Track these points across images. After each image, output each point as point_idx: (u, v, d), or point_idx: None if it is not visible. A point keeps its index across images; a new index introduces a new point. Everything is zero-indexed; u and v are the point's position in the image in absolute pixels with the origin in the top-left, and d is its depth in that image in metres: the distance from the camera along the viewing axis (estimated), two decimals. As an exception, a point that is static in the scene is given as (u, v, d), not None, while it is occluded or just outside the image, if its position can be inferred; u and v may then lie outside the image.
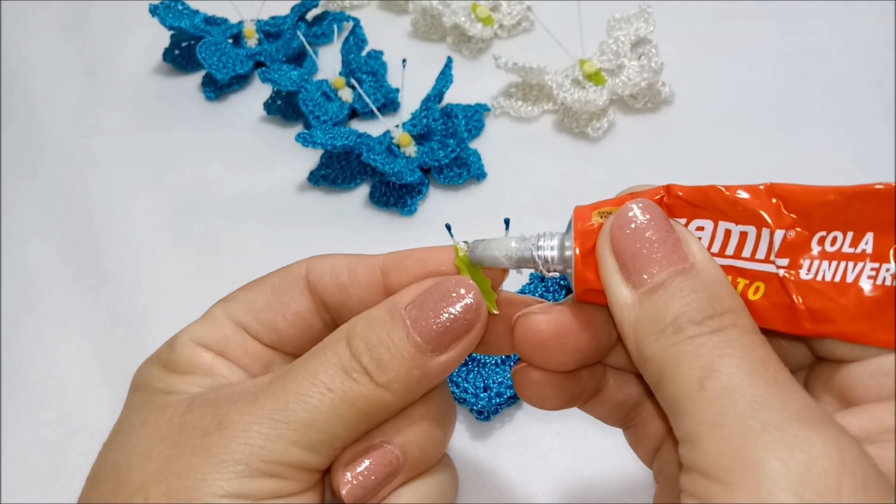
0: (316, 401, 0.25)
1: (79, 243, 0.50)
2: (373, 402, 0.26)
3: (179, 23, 0.57)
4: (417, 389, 0.26)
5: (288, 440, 0.25)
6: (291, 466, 0.25)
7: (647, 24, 0.56)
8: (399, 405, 0.26)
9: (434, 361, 0.26)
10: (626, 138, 0.53)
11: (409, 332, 0.26)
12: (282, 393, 0.26)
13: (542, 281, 0.42)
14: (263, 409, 0.25)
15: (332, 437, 0.25)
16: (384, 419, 0.27)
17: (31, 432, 0.43)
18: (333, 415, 0.25)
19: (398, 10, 0.63)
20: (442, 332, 0.26)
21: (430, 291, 0.27)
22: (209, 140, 0.56)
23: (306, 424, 0.25)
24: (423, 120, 0.51)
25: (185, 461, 0.25)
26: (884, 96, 0.54)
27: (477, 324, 0.26)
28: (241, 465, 0.25)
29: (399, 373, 0.26)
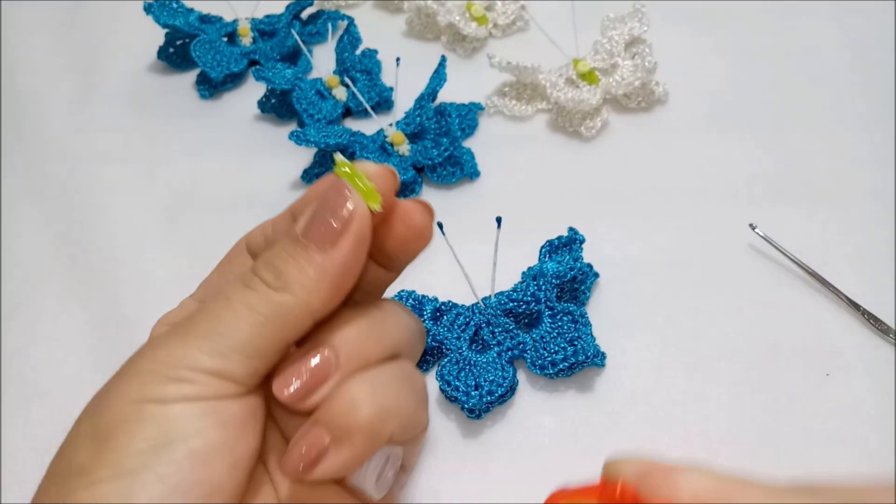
0: (217, 310, 0.28)
1: (71, 240, 0.50)
2: (275, 305, 0.27)
3: (174, 21, 0.57)
4: (321, 289, 0.28)
5: (193, 347, 0.27)
6: (200, 371, 0.26)
7: (641, 24, 0.56)
8: (309, 308, 0.28)
9: (324, 257, 0.28)
10: (620, 138, 0.53)
11: (298, 239, 0.28)
12: (194, 314, 0.28)
13: (535, 279, 0.42)
14: (176, 328, 0.28)
15: (240, 343, 0.27)
16: (300, 325, 0.28)
17: (22, 429, 0.43)
18: (234, 319, 0.27)
19: (393, 8, 0.63)
20: (325, 230, 0.28)
21: (313, 200, 0.29)
22: (203, 138, 0.56)
23: (209, 331, 0.27)
24: (417, 119, 0.51)
25: (109, 384, 0.27)
26: (878, 95, 0.54)
27: (356, 217, 0.28)
28: (152, 374, 0.26)
29: (293, 274, 0.27)
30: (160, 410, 0.26)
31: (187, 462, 0.25)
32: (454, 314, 0.42)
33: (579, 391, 0.41)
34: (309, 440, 0.27)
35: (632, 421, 0.40)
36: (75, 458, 0.26)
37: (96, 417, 0.26)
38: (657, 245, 0.47)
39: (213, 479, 0.26)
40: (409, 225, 0.30)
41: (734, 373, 0.41)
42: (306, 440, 0.27)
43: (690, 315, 0.44)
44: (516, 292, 0.42)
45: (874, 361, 0.41)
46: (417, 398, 0.30)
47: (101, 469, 0.25)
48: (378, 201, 0.29)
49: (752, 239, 0.46)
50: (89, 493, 0.25)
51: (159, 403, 0.26)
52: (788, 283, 0.45)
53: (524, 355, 0.41)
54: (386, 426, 0.28)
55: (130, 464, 0.25)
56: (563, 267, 0.42)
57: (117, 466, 0.25)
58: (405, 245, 0.31)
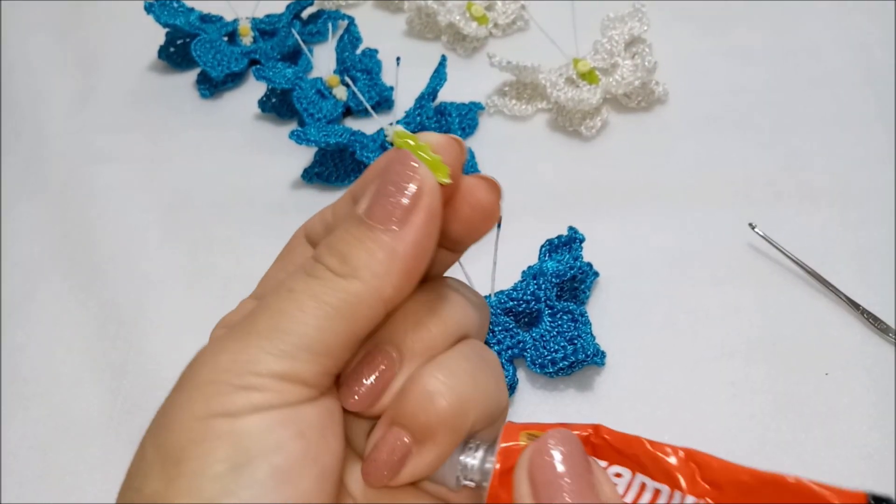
0: (278, 304, 0.25)
1: (72, 239, 0.50)
2: (343, 294, 0.24)
3: (174, 20, 0.57)
4: (393, 273, 0.25)
5: (256, 348, 0.24)
6: (267, 376, 0.24)
7: (640, 24, 0.56)
8: (381, 296, 0.25)
9: (394, 238, 0.25)
10: (620, 137, 0.53)
11: (362, 219, 0.25)
12: (253, 312, 0.25)
13: (535, 279, 0.42)
14: (236, 329, 0.25)
15: (308, 339, 0.24)
16: (372, 315, 0.25)
17: (22, 427, 0.43)
18: (300, 313, 0.24)
19: (393, 8, 0.63)
20: (392, 208, 0.25)
21: (375, 177, 0.26)
22: (204, 137, 0.56)
23: (273, 328, 0.24)
24: (417, 118, 0.51)
25: (170, 399, 0.25)
26: (877, 95, 0.54)
27: (425, 191, 0.25)
28: (216, 385, 0.24)
29: (360, 258, 0.25)
30: (231, 426, 0.23)
31: (272, 481, 0.23)
32: (454, 313, 0.42)
33: (579, 390, 0.41)
34: (389, 444, 0.25)
35: (631, 419, 0.40)
36: (145, 486, 0.23)
37: (161, 439, 0.24)
38: (657, 244, 0.47)
39: (302, 495, 0.23)
40: (473, 203, 0.27)
41: (734, 372, 0.41)
42: (386, 444, 0.25)
43: (690, 314, 0.44)
44: (516, 291, 0.42)
45: (874, 361, 0.41)
46: (496, 377, 0.28)
47: (178, 498, 0.22)
48: (446, 173, 0.26)
49: (752, 238, 0.46)
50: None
51: (229, 417, 0.23)
52: (788, 283, 0.45)
53: (524, 354, 0.41)
54: (468, 415, 0.25)
55: (210, 490, 0.22)
56: (562, 266, 0.42)
57: (195, 494, 0.22)
58: (471, 226, 0.28)
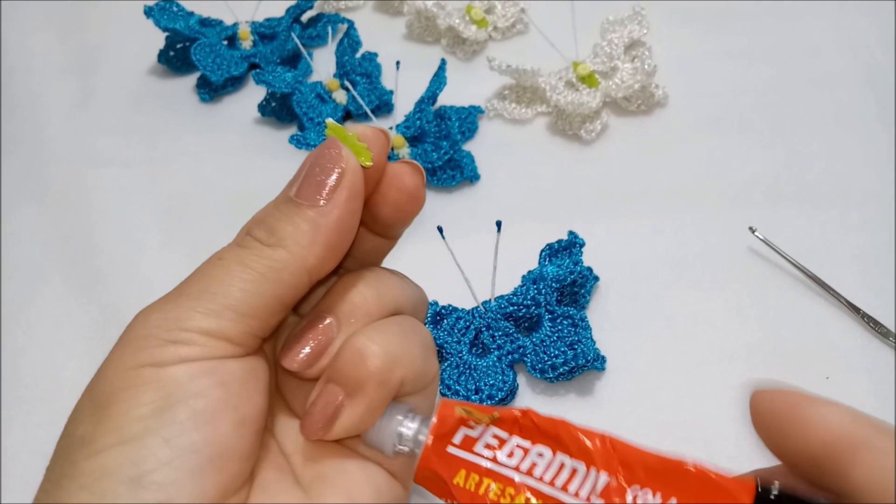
0: (208, 270, 0.27)
1: (72, 243, 0.50)
2: (268, 261, 0.27)
3: (174, 24, 0.57)
4: (316, 243, 0.27)
5: (186, 308, 0.26)
6: (195, 331, 0.26)
7: (640, 27, 0.56)
8: (305, 265, 0.27)
9: (317, 212, 0.27)
10: (620, 141, 0.53)
11: (290, 198, 0.28)
12: (187, 278, 0.27)
13: (535, 283, 0.42)
14: (169, 293, 0.27)
15: (232, 299, 0.26)
16: (295, 282, 0.27)
17: (23, 433, 0.43)
18: (227, 276, 0.26)
19: (393, 11, 0.63)
20: (318, 187, 0.27)
21: (308, 162, 0.28)
22: (203, 141, 0.56)
23: (202, 290, 0.26)
24: (417, 122, 0.51)
25: (107, 355, 0.27)
26: (878, 96, 0.54)
27: (348, 171, 0.28)
28: (147, 339, 0.26)
29: (286, 230, 0.27)
30: (158, 374, 0.25)
31: (191, 423, 0.25)
32: (454, 318, 0.42)
33: (579, 395, 0.41)
34: (324, 399, 0.27)
35: (632, 424, 0.40)
36: (76, 430, 0.25)
37: (95, 388, 0.26)
38: (657, 248, 0.47)
39: (220, 438, 0.25)
40: (400, 188, 0.30)
41: (734, 376, 0.41)
42: (321, 399, 0.27)
43: (690, 318, 0.44)
44: (516, 296, 0.42)
45: (874, 364, 0.41)
46: (424, 346, 0.30)
47: (103, 437, 0.24)
48: (369, 157, 0.29)
49: (752, 242, 0.46)
50: (94, 462, 0.24)
51: (157, 367, 0.25)
52: (788, 286, 0.45)
53: (524, 359, 0.41)
54: (395, 372, 0.28)
55: (133, 429, 0.24)
56: (563, 270, 0.42)
57: (120, 433, 0.24)
58: (399, 209, 0.30)
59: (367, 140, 0.29)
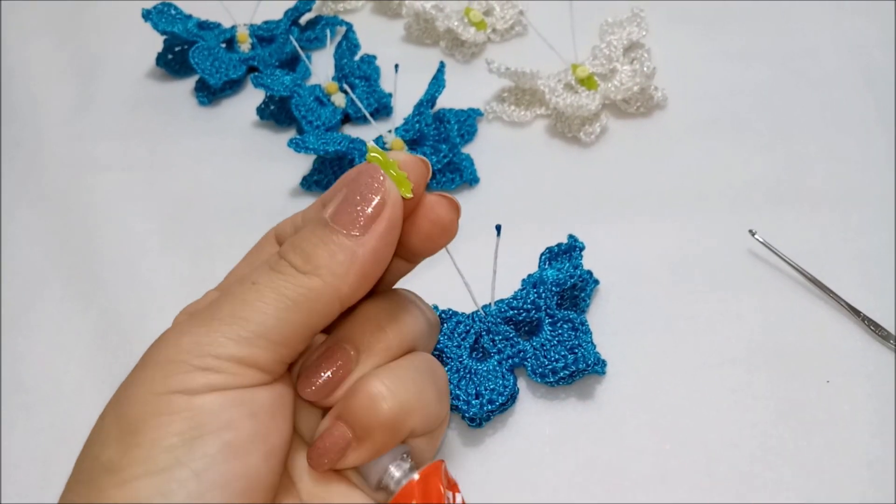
0: (242, 294, 0.27)
1: (72, 248, 0.50)
2: (303, 289, 0.27)
3: (172, 27, 0.57)
4: (351, 274, 0.27)
5: (218, 333, 0.26)
6: (227, 360, 0.26)
7: (639, 29, 0.56)
8: (338, 294, 0.27)
9: (355, 242, 0.27)
10: (619, 143, 0.53)
11: (328, 223, 0.28)
12: (218, 299, 0.27)
13: (535, 287, 0.42)
14: (200, 314, 0.27)
15: (267, 328, 0.26)
16: (327, 311, 0.27)
17: (24, 437, 0.43)
18: (261, 304, 0.26)
19: (391, 14, 0.63)
20: (356, 215, 0.27)
21: (344, 187, 0.28)
22: (202, 145, 0.56)
23: (235, 316, 0.26)
24: (416, 125, 0.51)
25: (133, 375, 0.27)
26: (877, 97, 0.54)
27: (388, 202, 0.28)
28: (177, 364, 0.26)
29: (322, 257, 0.27)
30: (189, 402, 0.25)
31: (222, 455, 0.25)
32: (454, 322, 0.42)
33: (580, 399, 0.41)
34: (333, 437, 0.28)
35: (632, 428, 0.40)
36: (103, 454, 0.25)
37: (121, 410, 0.26)
38: (657, 251, 0.47)
39: (249, 471, 0.25)
40: (433, 220, 0.30)
41: (735, 379, 0.41)
42: (330, 436, 0.28)
43: (690, 321, 0.44)
44: (516, 300, 0.42)
45: (875, 367, 0.41)
46: (439, 391, 0.30)
47: (133, 466, 0.24)
48: (409, 189, 0.29)
49: (752, 245, 0.46)
50: (122, 492, 0.24)
51: (186, 394, 0.25)
52: (788, 289, 0.45)
53: (525, 363, 0.41)
54: (407, 422, 0.28)
55: (163, 460, 0.24)
56: (563, 274, 0.42)
57: (149, 463, 0.24)
58: (429, 239, 0.31)
59: (408, 168, 0.29)
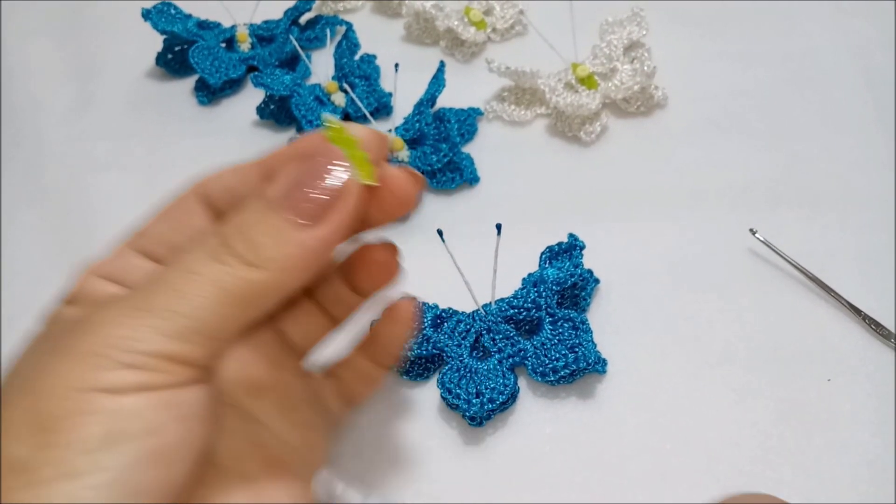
0: (179, 285, 0.24)
1: (71, 247, 0.50)
2: (245, 283, 0.24)
3: (172, 27, 0.57)
4: (297, 268, 0.25)
5: (151, 328, 0.23)
6: (159, 357, 0.23)
7: (639, 28, 0.56)
8: (279, 287, 0.25)
9: (308, 235, 0.25)
10: (619, 142, 0.53)
11: (279, 210, 0.25)
12: (149, 286, 0.25)
13: (536, 286, 0.42)
14: (128, 301, 0.24)
15: (203, 323, 0.24)
16: (270, 303, 0.25)
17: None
18: (199, 298, 0.24)
19: (391, 13, 0.63)
20: (312, 204, 0.25)
21: (298, 168, 0.26)
22: (202, 144, 0.56)
23: (169, 310, 0.24)
24: (416, 124, 0.51)
25: (50, 362, 0.24)
26: (877, 98, 0.54)
27: (347, 193, 0.25)
28: (100, 358, 0.23)
29: (271, 249, 0.25)
30: (111, 402, 0.23)
31: (144, 463, 0.23)
32: (455, 321, 0.42)
33: (580, 398, 0.41)
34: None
35: (633, 427, 0.40)
36: (11, 450, 0.23)
37: (36, 404, 0.23)
38: (657, 250, 0.47)
39: (172, 479, 0.23)
40: (395, 191, 0.28)
41: (735, 378, 0.41)
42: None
43: (691, 321, 0.44)
44: (517, 299, 0.42)
45: (875, 367, 0.41)
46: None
47: (45, 467, 0.22)
48: (372, 174, 0.26)
49: (753, 244, 0.46)
50: (30, 493, 0.22)
51: (111, 393, 0.23)
52: (789, 288, 0.44)
53: (525, 362, 0.41)
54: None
55: (79, 463, 0.22)
56: (563, 273, 0.42)
57: (64, 465, 0.22)
58: (387, 212, 0.29)
59: (369, 146, 0.26)
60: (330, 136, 0.26)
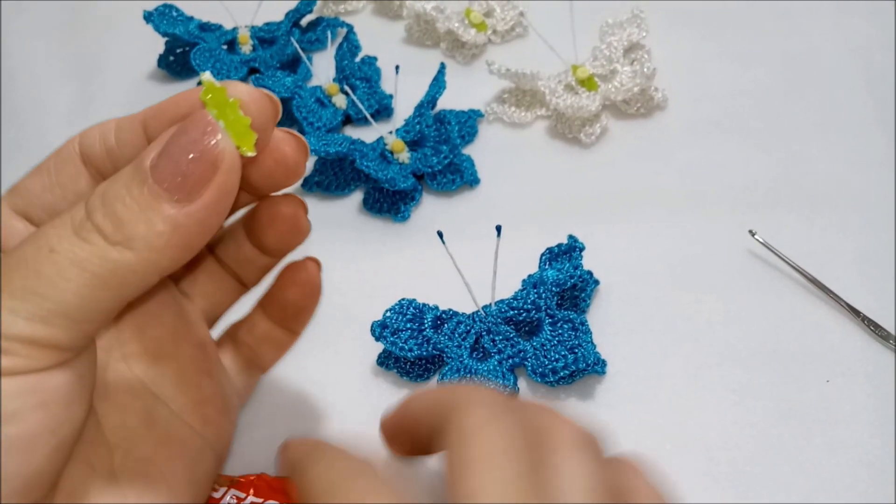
0: (37, 264, 0.22)
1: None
2: (111, 264, 0.22)
3: (174, 29, 0.57)
4: (169, 247, 0.23)
5: (8, 309, 0.22)
6: (17, 340, 0.22)
7: (639, 30, 0.56)
8: (152, 268, 0.23)
9: (180, 212, 0.22)
10: (619, 144, 0.53)
11: (149, 182, 0.22)
12: (7, 262, 0.23)
13: (535, 287, 0.42)
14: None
15: (66, 306, 0.22)
16: (143, 284, 0.23)
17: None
18: (59, 278, 0.22)
19: (392, 15, 0.63)
20: (183, 177, 0.22)
21: (172, 136, 0.23)
22: (203, 146, 0.56)
23: (26, 290, 0.22)
24: (417, 126, 0.51)
25: None
26: (877, 99, 0.54)
27: (221, 166, 0.23)
28: None
29: (138, 227, 0.22)
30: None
31: (2, 451, 0.21)
32: (455, 322, 0.42)
33: (580, 399, 0.41)
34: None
35: (633, 428, 0.40)
36: None
37: None
38: (657, 252, 0.47)
39: (32, 468, 0.22)
40: (278, 159, 0.26)
41: (734, 379, 0.41)
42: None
43: (690, 321, 0.44)
44: (516, 300, 0.42)
45: (874, 368, 0.41)
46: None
47: None
48: (252, 144, 0.23)
49: (752, 245, 0.46)
50: None
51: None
52: (788, 290, 0.45)
53: (525, 363, 0.41)
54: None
55: None
56: (563, 275, 0.42)
57: None
58: (272, 179, 0.27)
59: (251, 109, 0.24)
60: (206, 99, 0.23)
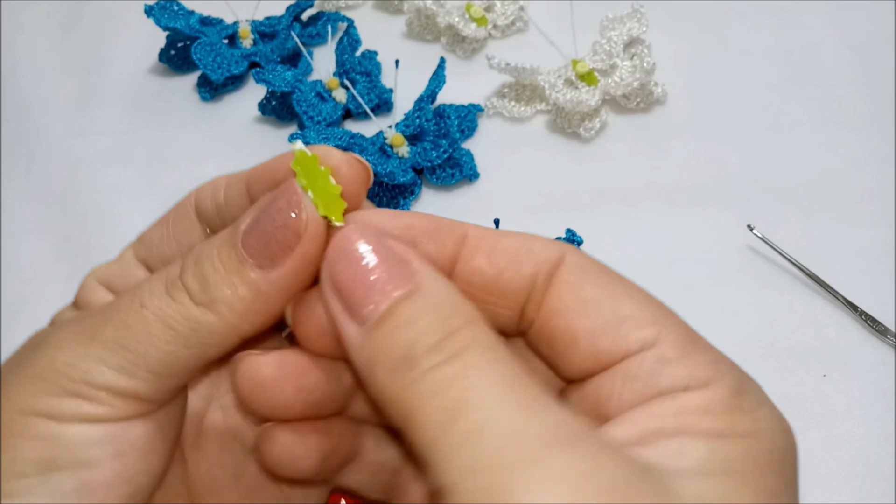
0: (127, 317, 0.23)
1: (72, 243, 0.51)
2: (194, 324, 0.23)
3: (175, 23, 0.57)
4: (251, 312, 0.23)
5: (96, 358, 0.23)
6: (103, 389, 0.23)
7: (639, 25, 0.56)
8: (234, 331, 0.23)
9: (263, 278, 0.23)
10: (619, 138, 0.53)
11: (237, 247, 0.23)
12: (105, 311, 0.24)
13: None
14: (82, 325, 0.24)
15: (149, 360, 0.23)
16: (224, 347, 0.24)
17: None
18: (145, 333, 0.23)
19: (392, 10, 0.63)
20: (266, 244, 0.23)
21: (263, 203, 0.24)
22: (204, 140, 0.56)
23: (115, 342, 0.23)
24: (416, 120, 0.51)
25: (6, 379, 0.23)
26: (877, 95, 0.54)
27: (305, 237, 0.23)
28: (46, 382, 0.23)
29: (222, 290, 0.23)
30: (53, 429, 0.22)
31: (75, 495, 0.22)
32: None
33: (577, 393, 0.41)
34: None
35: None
36: None
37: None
38: (655, 246, 0.47)
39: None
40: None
41: (732, 374, 0.41)
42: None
43: (688, 315, 0.43)
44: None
45: (872, 363, 0.41)
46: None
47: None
48: (341, 212, 0.23)
49: (750, 240, 0.46)
50: None
51: (53, 420, 0.22)
52: (786, 285, 0.45)
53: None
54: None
55: (12, 487, 0.22)
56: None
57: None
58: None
59: (344, 177, 0.24)
60: (297, 168, 0.23)
